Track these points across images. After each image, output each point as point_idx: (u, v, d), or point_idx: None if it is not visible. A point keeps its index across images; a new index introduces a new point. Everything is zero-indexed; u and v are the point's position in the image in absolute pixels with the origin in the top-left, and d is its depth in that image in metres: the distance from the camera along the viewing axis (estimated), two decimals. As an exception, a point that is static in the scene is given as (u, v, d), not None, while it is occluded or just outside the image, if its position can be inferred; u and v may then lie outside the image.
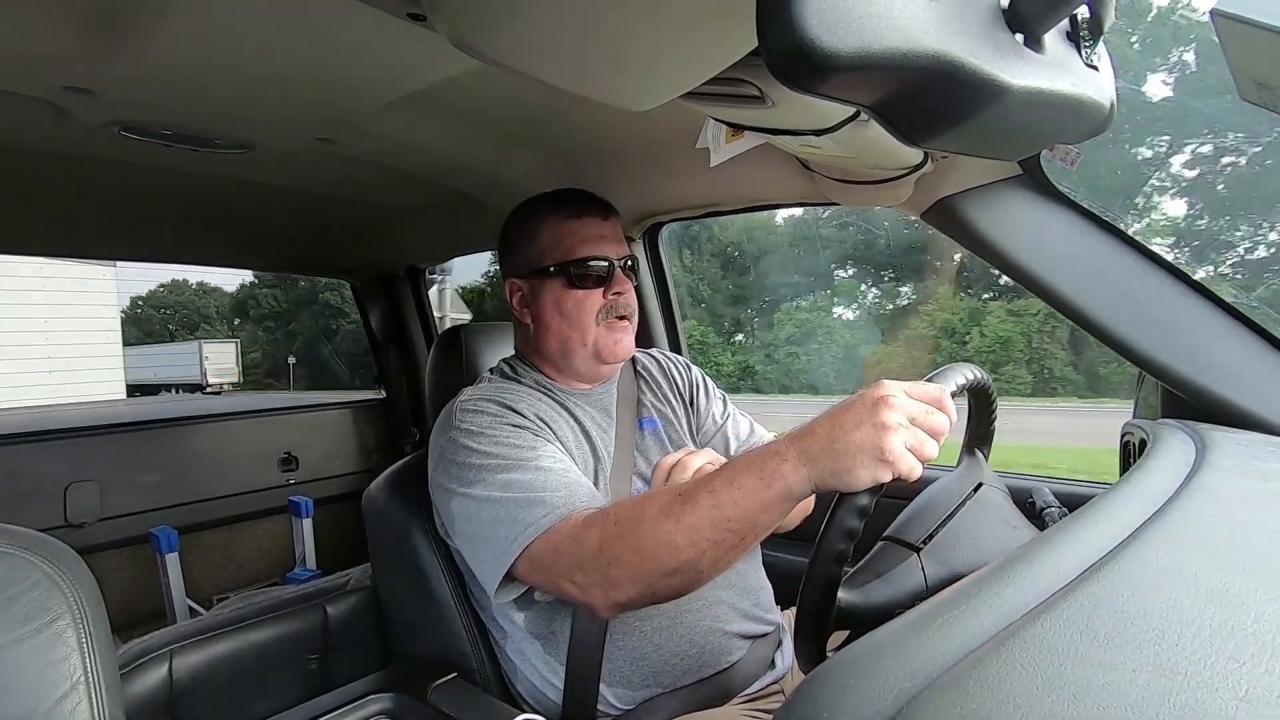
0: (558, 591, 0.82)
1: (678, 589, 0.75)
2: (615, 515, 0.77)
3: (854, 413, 0.65)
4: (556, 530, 0.80)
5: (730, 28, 0.58)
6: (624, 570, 0.74)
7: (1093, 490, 1.19)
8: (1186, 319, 0.93)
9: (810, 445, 0.66)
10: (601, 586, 0.76)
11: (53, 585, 0.52)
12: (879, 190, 1.06)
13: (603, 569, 0.75)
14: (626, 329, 1.05)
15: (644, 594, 0.75)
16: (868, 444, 0.63)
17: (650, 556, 0.72)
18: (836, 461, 0.64)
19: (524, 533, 0.82)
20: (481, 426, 0.93)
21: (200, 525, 2.30)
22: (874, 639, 0.37)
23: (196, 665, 1.07)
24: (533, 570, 0.82)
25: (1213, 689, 0.31)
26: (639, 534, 0.73)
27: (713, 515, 0.70)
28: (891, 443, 0.62)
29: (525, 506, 0.83)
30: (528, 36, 0.63)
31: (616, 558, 0.74)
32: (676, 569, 0.72)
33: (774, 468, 0.68)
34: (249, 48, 0.91)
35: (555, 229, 1.03)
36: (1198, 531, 0.49)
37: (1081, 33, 0.50)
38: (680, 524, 0.71)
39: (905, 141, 0.46)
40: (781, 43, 0.35)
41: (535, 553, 0.81)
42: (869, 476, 0.63)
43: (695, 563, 0.71)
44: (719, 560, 0.72)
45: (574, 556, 0.78)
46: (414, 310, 2.56)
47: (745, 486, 0.69)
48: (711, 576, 0.74)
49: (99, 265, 14.41)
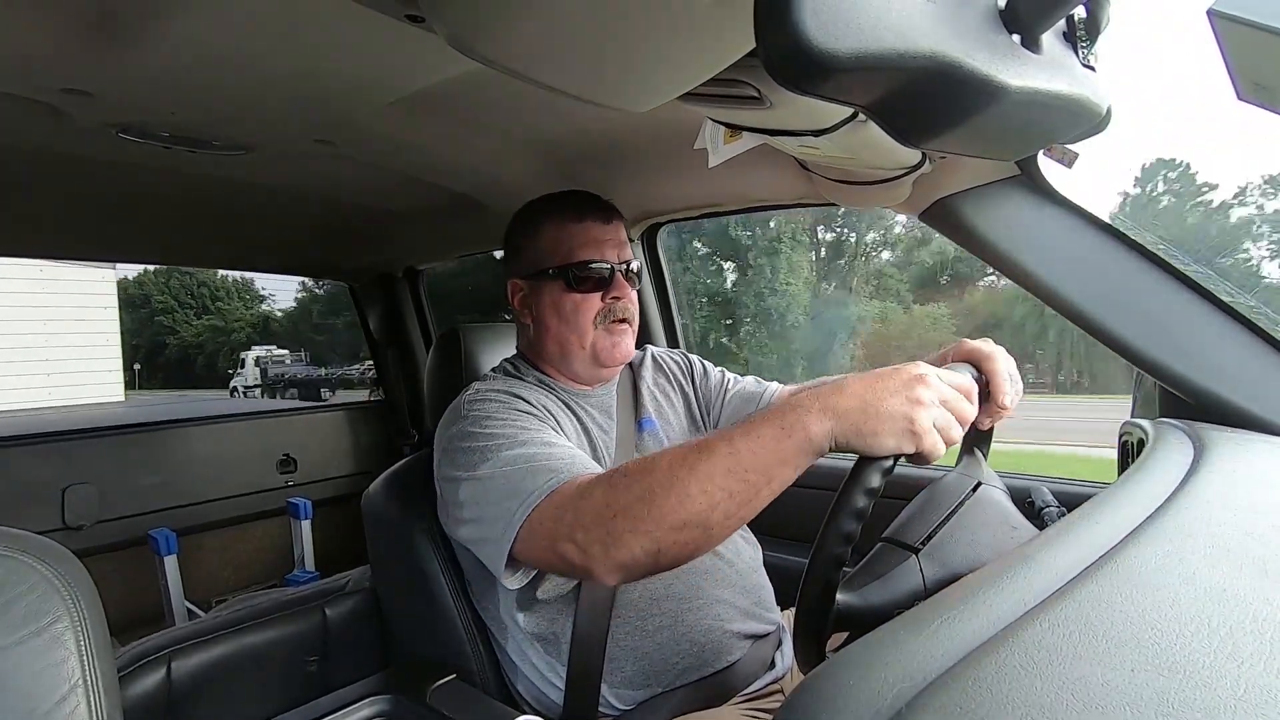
0: (558, 559, 0.78)
1: (685, 547, 0.71)
2: (624, 469, 0.75)
3: (891, 382, 0.66)
4: (559, 492, 0.79)
5: (728, 29, 0.58)
6: (629, 522, 0.71)
7: (1091, 490, 1.19)
8: (1184, 318, 0.93)
9: (839, 401, 0.66)
10: (603, 543, 0.72)
11: (51, 588, 0.52)
12: (877, 190, 1.07)
13: (606, 523, 0.72)
14: (626, 332, 1.05)
15: (648, 552, 0.71)
16: (899, 413, 0.64)
17: (659, 504, 0.69)
18: (865, 423, 0.64)
19: (528, 499, 0.80)
20: (489, 412, 0.93)
21: (199, 527, 2.29)
22: (873, 639, 0.37)
23: (195, 668, 1.07)
24: (532, 541, 0.79)
25: (1211, 688, 0.31)
26: (649, 482, 0.71)
27: (729, 464, 0.68)
28: (923, 418, 0.64)
29: (530, 475, 0.82)
30: (526, 38, 0.63)
31: (624, 509, 0.71)
32: (686, 521, 0.69)
33: (795, 419, 0.67)
34: (247, 50, 0.91)
35: (556, 231, 1.04)
36: (1196, 531, 0.49)
37: (1079, 33, 0.50)
38: (694, 471, 0.69)
39: (903, 142, 0.47)
40: (779, 43, 0.35)
41: (537, 520, 0.79)
42: (894, 444, 0.63)
43: (706, 515, 0.69)
44: (731, 515, 0.69)
45: (575, 515, 0.75)
46: (413, 312, 2.56)
47: (764, 436, 0.68)
48: (721, 537, 0.72)
49: (98, 267, 14.39)
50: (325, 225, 2.03)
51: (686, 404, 1.20)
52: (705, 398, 1.21)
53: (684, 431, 1.15)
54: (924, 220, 1.11)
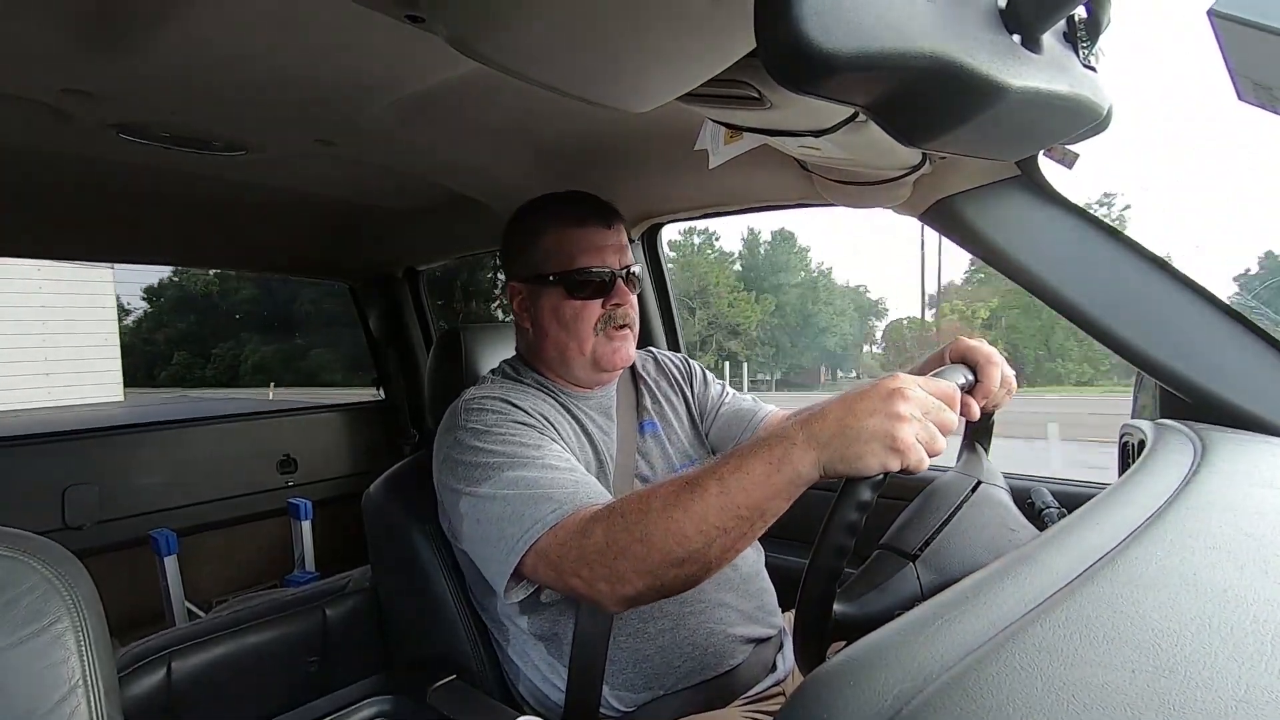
0: (565, 588, 0.81)
1: (686, 580, 0.73)
2: (621, 509, 0.77)
3: (868, 401, 0.66)
4: (562, 526, 0.80)
5: (729, 29, 0.58)
6: (630, 563, 0.73)
7: (1092, 490, 1.19)
8: (1184, 318, 0.93)
9: (820, 429, 0.66)
10: (608, 581, 0.75)
11: (51, 588, 0.52)
12: (878, 191, 1.06)
13: (609, 563, 0.74)
14: (626, 337, 1.05)
15: (651, 587, 0.74)
16: (880, 432, 0.63)
17: (658, 547, 0.71)
18: (847, 447, 0.64)
19: (530, 529, 0.81)
20: (487, 425, 0.92)
21: (199, 528, 2.29)
22: (873, 640, 0.37)
23: (195, 668, 1.07)
24: (540, 567, 0.82)
25: (1212, 689, 0.31)
26: (646, 525, 0.72)
27: (721, 502, 0.69)
28: (904, 433, 0.63)
29: (532, 504, 0.83)
30: (526, 38, 0.63)
31: (623, 551, 0.73)
32: (685, 559, 0.71)
33: (782, 452, 0.68)
34: (247, 50, 0.91)
35: (556, 236, 1.02)
36: (1197, 532, 0.49)
37: (1079, 33, 0.50)
38: (689, 513, 0.70)
39: (903, 142, 0.47)
40: (780, 44, 0.35)
41: (542, 549, 0.80)
42: (878, 464, 0.63)
43: (704, 552, 0.71)
44: (727, 549, 0.71)
45: (579, 552, 0.77)
46: (413, 312, 2.56)
47: (754, 472, 0.68)
48: (720, 566, 0.73)
49: (97, 267, 14.38)
50: (325, 225, 2.03)
51: (688, 408, 1.20)
52: (702, 406, 1.21)
53: (685, 435, 1.15)
54: (924, 221, 1.11)
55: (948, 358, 0.84)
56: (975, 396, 0.80)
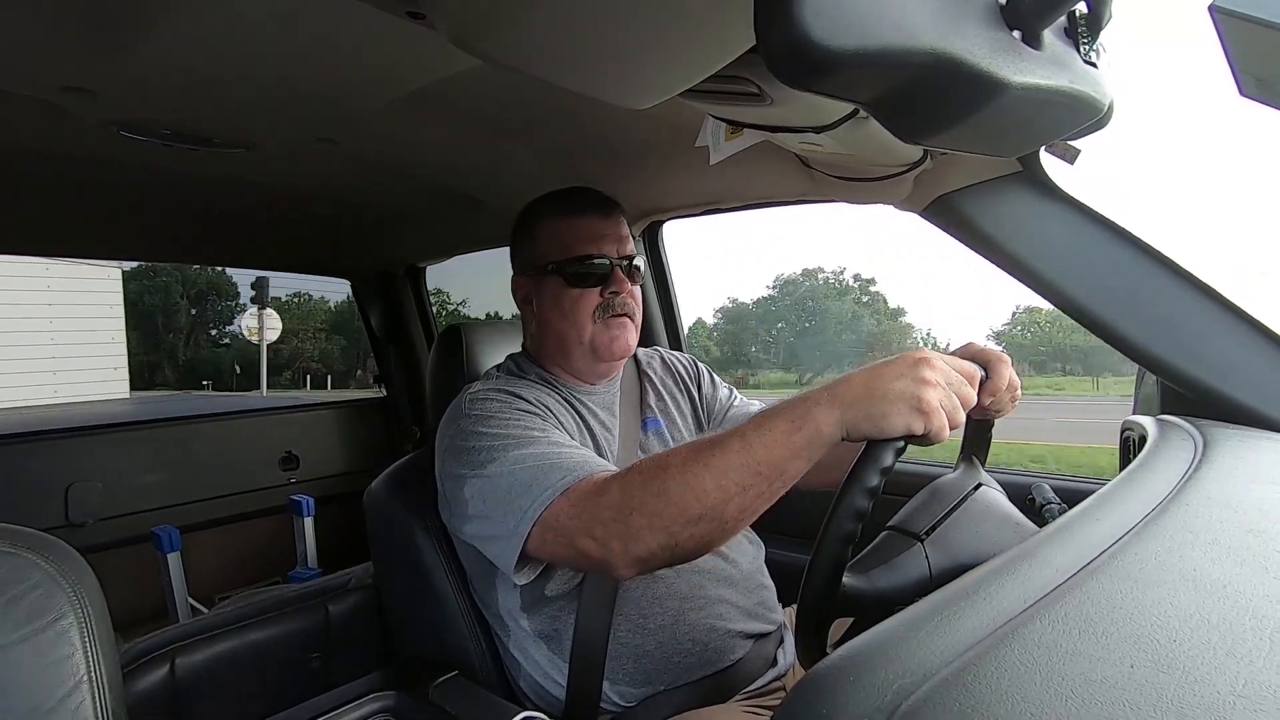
0: (575, 554, 0.79)
1: (700, 541, 0.73)
2: (639, 467, 0.77)
3: (895, 367, 0.67)
4: (575, 489, 0.79)
5: (729, 25, 0.58)
6: (646, 519, 0.72)
7: (1092, 486, 1.19)
8: (1186, 314, 0.93)
9: (845, 391, 0.67)
10: (621, 539, 0.74)
11: (55, 585, 0.52)
12: (878, 187, 1.06)
13: (624, 519, 0.74)
14: (625, 325, 1.05)
15: (665, 545, 0.72)
16: (907, 393, 0.64)
17: (675, 501, 0.71)
18: (873, 406, 0.65)
19: (542, 495, 0.80)
20: (491, 411, 0.93)
21: (202, 524, 2.30)
22: (874, 635, 0.37)
23: (198, 664, 1.07)
24: (548, 537, 0.80)
25: (1211, 685, 0.31)
26: (665, 479, 0.72)
27: (742, 459, 0.69)
28: (930, 395, 0.64)
29: (542, 474, 0.82)
30: (527, 34, 0.63)
31: (640, 505, 0.73)
32: (702, 515, 0.71)
33: (805, 410, 0.68)
34: (248, 48, 0.91)
35: (556, 227, 1.04)
36: (1198, 528, 0.49)
37: (1080, 29, 0.50)
38: (709, 467, 0.70)
39: (904, 138, 0.47)
40: (780, 40, 0.35)
41: (551, 516, 0.79)
42: (903, 425, 0.63)
43: (721, 509, 0.70)
44: (745, 509, 0.71)
45: (593, 511, 0.77)
46: (414, 309, 2.56)
47: (775, 430, 0.69)
48: (735, 530, 0.73)
49: (103, 265, 14.39)
50: (326, 223, 2.03)
51: (693, 408, 1.20)
52: (710, 408, 1.21)
53: (689, 434, 1.15)
54: (925, 217, 1.11)
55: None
56: (982, 394, 0.80)
